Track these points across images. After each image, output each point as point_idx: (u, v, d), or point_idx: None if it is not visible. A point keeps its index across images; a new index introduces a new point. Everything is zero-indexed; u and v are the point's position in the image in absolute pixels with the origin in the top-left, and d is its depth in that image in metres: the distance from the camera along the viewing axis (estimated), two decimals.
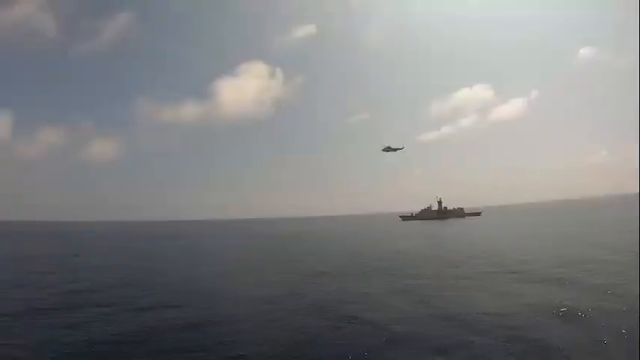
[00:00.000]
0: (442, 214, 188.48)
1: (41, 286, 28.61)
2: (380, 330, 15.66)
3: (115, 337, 16.36)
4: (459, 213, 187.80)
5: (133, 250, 69.32)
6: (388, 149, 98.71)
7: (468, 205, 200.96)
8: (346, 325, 16.63)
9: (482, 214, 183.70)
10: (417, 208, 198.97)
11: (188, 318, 18.87)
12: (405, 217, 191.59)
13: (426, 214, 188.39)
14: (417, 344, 14.06)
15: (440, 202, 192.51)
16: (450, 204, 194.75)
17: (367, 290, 23.82)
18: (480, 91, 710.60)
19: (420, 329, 15.55)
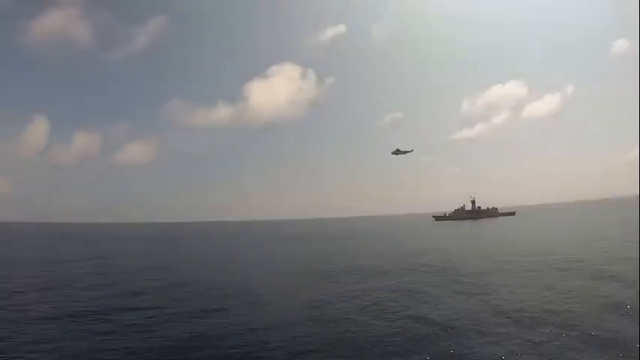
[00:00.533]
0: (475, 214, 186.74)
1: (89, 288, 28.99)
2: (451, 331, 16.21)
3: (163, 341, 16.38)
4: (493, 213, 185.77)
5: (180, 250, 73.02)
6: (397, 152, 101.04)
7: (501, 205, 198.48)
8: (420, 326, 17.20)
9: (516, 213, 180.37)
10: (449, 208, 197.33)
11: (241, 322, 19.03)
12: (438, 218, 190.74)
13: (459, 214, 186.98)
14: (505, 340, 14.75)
15: (473, 202, 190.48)
16: (483, 203, 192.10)
17: (428, 289, 25.26)
18: (514, 88, 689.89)
19: (504, 329, 16.12)
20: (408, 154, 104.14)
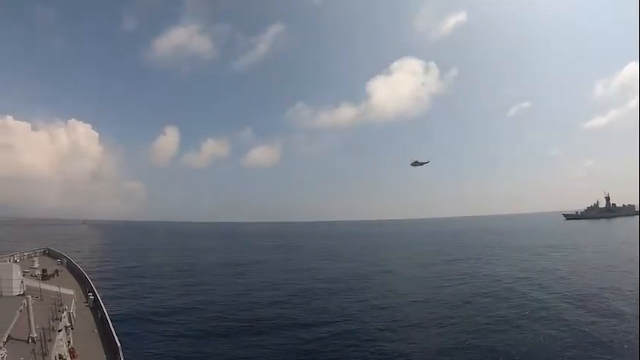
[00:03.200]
0: (610, 212, 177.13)
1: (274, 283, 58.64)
2: None
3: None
4: (630, 211, 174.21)
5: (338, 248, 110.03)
6: (416, 164, 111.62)
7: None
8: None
9: None
10: (580, 206, 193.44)
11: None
12: (569, 216, 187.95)
13: (592, 213, 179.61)
14: None
15: (608, 199, 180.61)
16: (618, 200, 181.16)
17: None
18: None
19: None
20: (425, 164, 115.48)
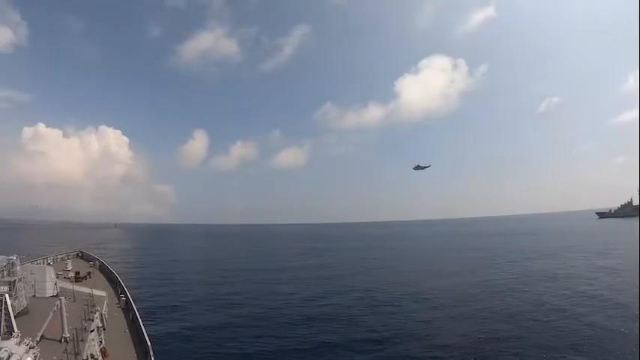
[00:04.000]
0: None
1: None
2: None
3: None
4: None
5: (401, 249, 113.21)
6: (418, 167, 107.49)
7: None
8: None
9: None
10: (612, 204, 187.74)
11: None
12: (602, 215, 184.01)
13: (626, 211, 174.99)
14: None
15: None
16: None
17: None
18: None
19: None
20: (426, 169, 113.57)
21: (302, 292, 52.82)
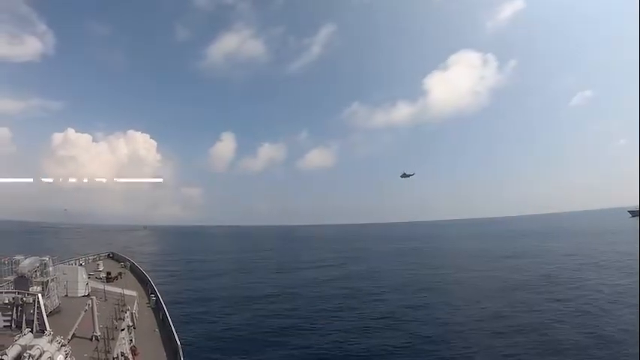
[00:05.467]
0: None
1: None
2: None
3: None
4: None
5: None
6: (404, 175, 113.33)
7: None
8: None
9: None
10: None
11: None
12: (634, 213, 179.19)
13: None
14: None
15: None
16: None
17: None
18: None
19: None
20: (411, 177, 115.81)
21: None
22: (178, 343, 19.07)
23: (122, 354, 17.28)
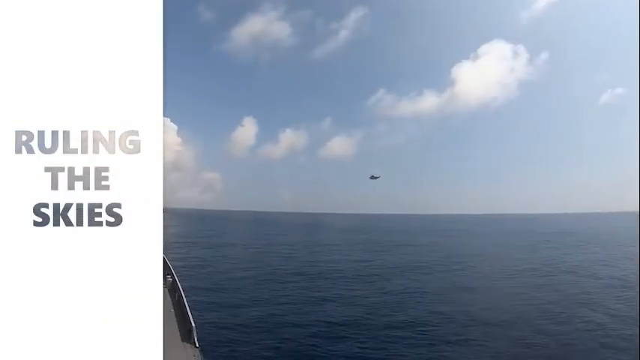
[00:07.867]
0: None
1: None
2: None
3: None
4: None
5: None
6: (372, 177, 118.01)
7: None
8: None
9: None
10: None
11: None
12: None
13: None
14: None
15: None
16: None
17: None
18: None
19: None
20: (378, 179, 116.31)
21: None
22: (193, 323, 19.03)
23: None
